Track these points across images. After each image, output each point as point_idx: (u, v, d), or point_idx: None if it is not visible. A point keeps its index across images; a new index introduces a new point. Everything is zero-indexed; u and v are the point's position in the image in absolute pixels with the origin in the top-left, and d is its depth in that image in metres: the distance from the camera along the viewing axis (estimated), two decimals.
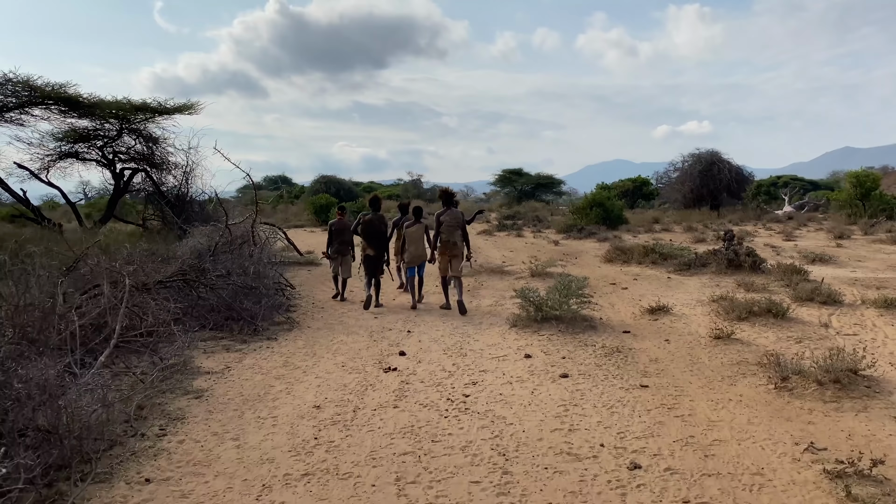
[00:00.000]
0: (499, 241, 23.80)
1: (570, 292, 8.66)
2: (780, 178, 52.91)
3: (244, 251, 10.50)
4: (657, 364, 6.85)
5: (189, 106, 20.91)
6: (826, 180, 56.49)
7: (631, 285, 12.21)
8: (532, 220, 31.77)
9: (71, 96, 18.00)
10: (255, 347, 8.09)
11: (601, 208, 26.09)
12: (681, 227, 26.64)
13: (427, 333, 8.69)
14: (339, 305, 11.07)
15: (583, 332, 8.25)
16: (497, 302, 10.96)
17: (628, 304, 10.26)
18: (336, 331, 9.03)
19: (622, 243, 20.50)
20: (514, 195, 51.74)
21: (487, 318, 9.55)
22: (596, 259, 16.81)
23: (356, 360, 7.42)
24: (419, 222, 10.70)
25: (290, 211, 43.49)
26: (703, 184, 32.13)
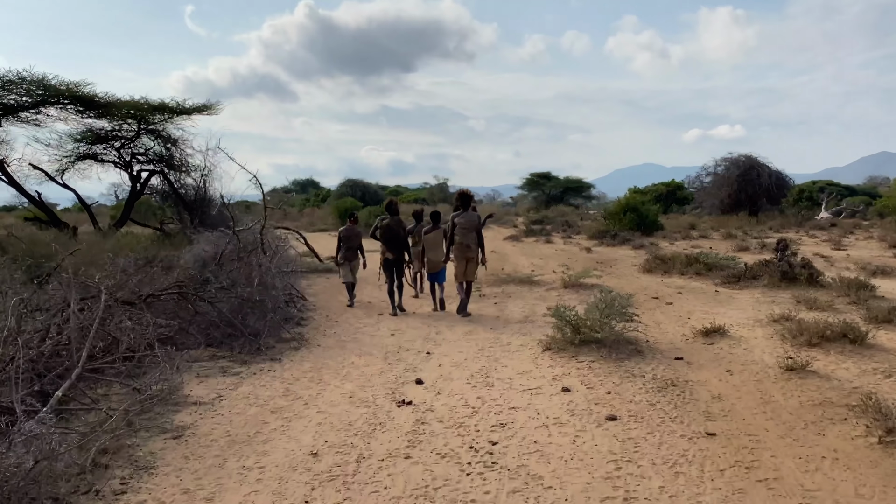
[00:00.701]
0: (527, 247, 22.68)
1: (612, 311, 7.54)
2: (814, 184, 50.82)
3: (252, 260, 9.55)
4: (721, 403, 5.71)
5: (208, 106, 20.18)
6: (863, 186, 54.29)
7: (675, 300, 11.02)
8: (561, 225, 30.59)
9: (85, 95, 17.34)
10: (255, 370, 7.11)
11: (635, 213, 24.82)
12: (719, 234, 25.26)
13: (448, 356, 7.63)
14: (354, 319, 10.08)
15: (628, 359, 7.12)
16: (527, 317, 9.87)
17: (676, 323, 9.10)
18: (348, 350, 8.02)
19: (660, 251, 19.28)
20: (542, 199, 50.55)
21: (517, 338, 8.47)
22: (633, 269, 15.60)
23: (367, 388, 6.39)
24: (437, 227, 10.47)
25: (316, 214, 42.85)
26: (741, 189, 30.62)
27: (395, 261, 10.47)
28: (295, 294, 10.49)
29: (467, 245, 9.86)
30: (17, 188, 18.11)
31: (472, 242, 9.89)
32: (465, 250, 9.87)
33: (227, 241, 9.77)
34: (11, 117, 17.93)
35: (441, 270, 10.46)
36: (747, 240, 23.21)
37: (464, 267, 9.95)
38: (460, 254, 9.90)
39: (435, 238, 10.37)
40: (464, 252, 9.87)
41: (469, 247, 9.87)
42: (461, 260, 9.92)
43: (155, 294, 7.58)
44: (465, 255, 9.87)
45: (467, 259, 9.90)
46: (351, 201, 37.92)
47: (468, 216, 9.96)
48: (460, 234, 9.86)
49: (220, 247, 9.78)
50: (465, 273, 9.98)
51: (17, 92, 16.94)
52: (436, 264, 10.36)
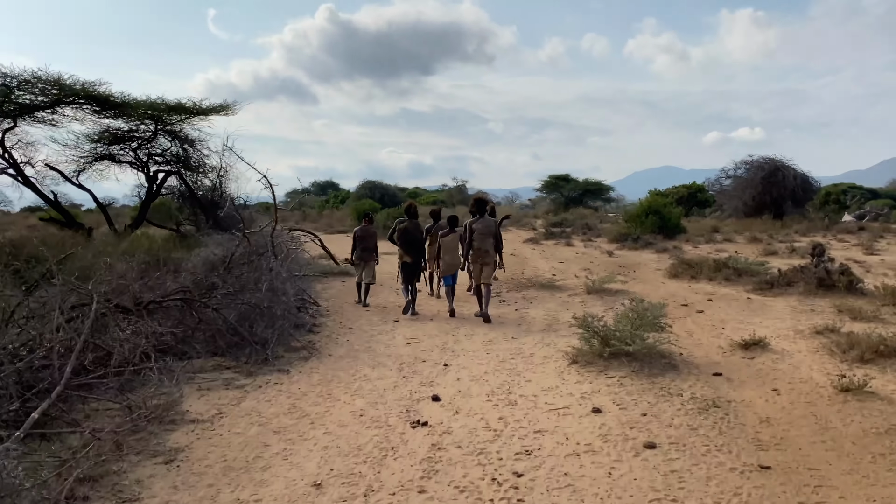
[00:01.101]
0: (547, 250, 22.03)
1: (644, 322, 6.93)
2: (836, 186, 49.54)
3: (263, 264, 9.04)
4: (772, 428, 5.08)
5: (224, 107, 19.75)
6: (886, 189, 52.84)
7: (706, 307, 10.36)
8: (581, 227, 29.87)
9: (100, 94, 16.97)
10: (260, 383, 6.59)
11: (657, 216, 24.06)
12: (744, 238, 24.41)
13: (467, 368, 7.05)
14: (368, 326, 9.53)
15: (662, 375, 6.50)
16: (550, 325, 9.27)
17: (710, 333, 8.45)
18: (361, 361, 7.48)
19: (684, 255, 18.56)
20: (560, 201, 49.74)
21: (540, 348, 7.87)
22: (658, 273, 14.92)
23: (379, 405, 5.83)
24: (454, 231, 10.36)
25: (335, 216, 42.46)
26: (765, 191, 29.67)
27: (412, 265, 10.41)
28: (307, 299, 9.96)
29: (485, 250, 9.78)
30: (34, 189, 17.81)
31: (490, 248, 9.83)
32: (482, 255, 9.78)
33: (236, 244, 9.26)
34: (28, 117, 17.64)
35: (456, 273, 10.40)
36: (773, 243, 22.38)
37: (479, 270, 9.82)
38: (478, 259, 9.80)
39: (451, 241, 10.26)
40: (482, 257, 9.78)
41: (487, 252, 9.80)
42: (477, 264, 9.82)
43: (157, 300, 7.08)
44: (482, 261, 9.79)
45: (484, 264, 9.80)
46: (369, 203, 37.43)
47: (485, 221, 9.91)
48: (478, 240, 9.76)
49: (230, 250, 9.27)
50: (480, 276, 9.82)
51: (32, 91, 16.62)
52: (451, 267, 10.27)
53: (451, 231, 10.37)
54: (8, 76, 16.03)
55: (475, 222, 9.86)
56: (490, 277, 9.92)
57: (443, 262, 10.32)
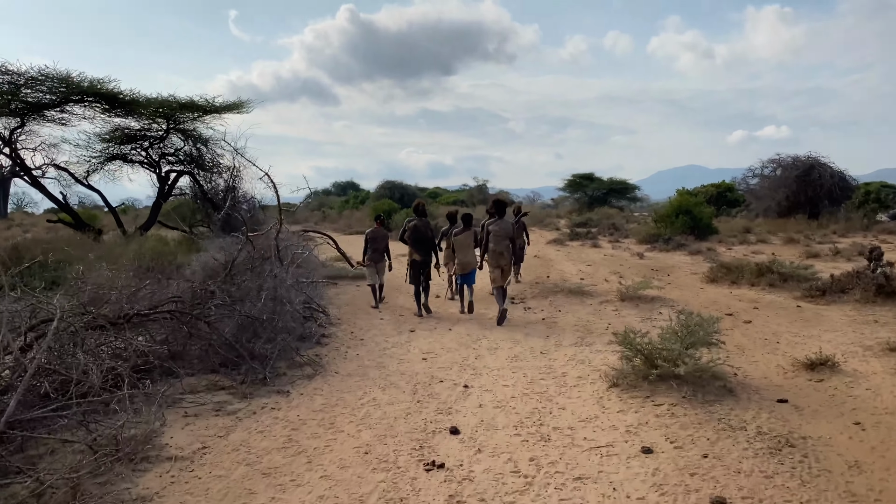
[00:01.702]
0: (572, 251, 21.05)
1: (696, 339, 5.98)
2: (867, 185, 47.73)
3: (266, 269, 8.24)
4: (865, 476, 4.13)
5: (238, 104, 19.09)
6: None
7: (754, 317, 9.36)
8: (607, 227, 28.81)
9: (109, 92, 16.35)
10: (255, 408, 5.76)
11: (688, 216, 22.94)
12: (779, 239, 23.22)
13: (491, 391, 6.16)
14: (381, 337, 8.69)
15: (718, 402, 5.56)
16: (582, 338, 8.34)
17: (763, 348, 7.48)
18: (370, 380, 6.62)
19: (718, 257, 17.49)
20: (584, 201, 48.60)
21: (573, 366, 6.96)
22: (694, 278, 13.89)
23: (388, 439, 4.97)
24: (468, 229, 10.21)
25: (355, 217, 41.77)
26: (800, 190, 28.34)
27: (421, 262, 10.24)
28: (316, 308, 9.13)
29: (500, 252, 9.54)
30: (42, 190, 17.26)
31: (506, 250, 9.57)
32: (498, 258, 9.55)
33: (238, 248, 8.47)
34: (37, 116, 17.11)
35: (472, 272, 10.11)
36: (811, 245, 21.18)
37: (499, 273, 9.58)
38: (494, 261, 9.59)
39: (465, 240, 10.08)
40: (497, 259, 9.56)
41: (502, 254, 9.56)
42: (495, 267, 9.60)
43: (143, 313, 6.28)
44: (498, 263, 9.56)
45: (501, 267, 9.57)
46: (389, 203, 36.72)
47: (502, 224, 9.64)
48: (494, 242, 9.54)
49: (232, 254, 8.48)
50: (499, 279, 9.57)
51: (40, 89, 16.05)
52: (466, 265, 10.04)
53: (466, 229, 10.19)
54: (15, 74, 15.47)
55: (492, 224, 9.63)
56: (504, 280, 9.58)
57: (457, 261, 10.13)
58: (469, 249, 10.08)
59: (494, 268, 9.62)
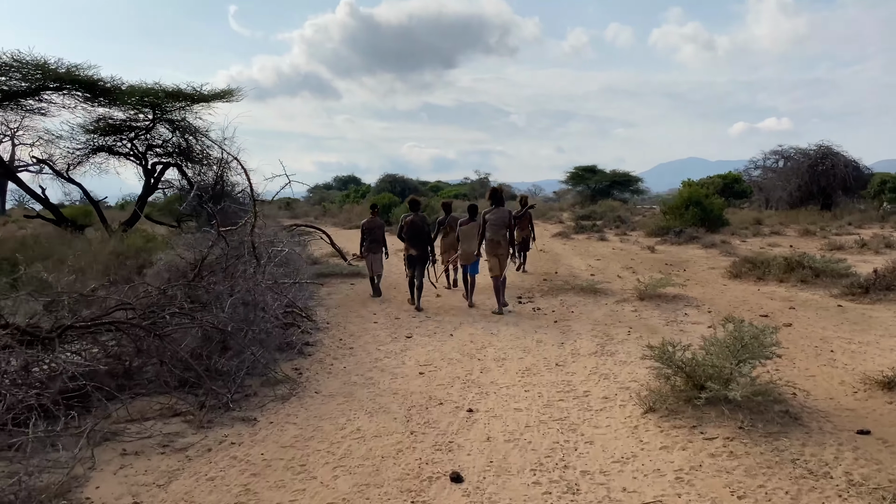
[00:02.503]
0: (579, 245, 19.91)
1: (752, 353, 4.84)
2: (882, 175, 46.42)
3: (240, 271, 7.11)
4: None
5: (228, 92, 17.93)
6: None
7: (792, 318, 8.22)
8: (613, 220, 27.64)
9: (87, 79, 15.20)
10: (212, 442, 4.64)
11: (699, 207, 21.78)
12: (794, 230, 22.06)
13: (500, 417, 5.03)
14: (374, 344, 7.55)
15: (784, 433, 4.42)
16: (602, 346, 7.20)
17: (817, 360, 6.34)
18: (356, 402, 5.49)
19: (734, 250, 16.34)
20: (587, 194, 47.42)
21: (596, 382, 5.83)
22: (713, 273, 12.75)
23: (370, 490, 3.84)
24: (473, 220, 10.03)
25: (355, 211, 40.61)
26: (812, 180, 27.11)
27: (417, 257, 10.08)
28: (299, 313, 7.99)
29: (497, 241, 9.52)
30: (20, 184, 16.15)
31: (503, 239, 9.54)
32: (495, 247, 9.54)
33: (209, 245, 7.33)
34: (14, 105, 15.97)
35: (475, 262, 10.06)
36: (829, 236, 20.02)
37: (496, 262, 9.56)
38: (491, 250, 9.59)
39: (470, 230, 9.98)
40: (494, 248, 9.55)
41: (499, 243, 9.53)
42: (492, 256, 9.59)
43: (79, 325, 5.15)
44: (495, 252, 9.55)
45: (498, 255, 9.55)
46: (389, 196, 35.55)
47: (499, 213, 9.60)
48: (491, 231, 9.54)
49: (202, 252, 7.35)
50: (497, 268, 9.56)
51: (13, 76, 14.89)
52: (469, 255, 9.97)
53: (471, 220, 10.08)
54: None
55: (489, 213, 9.62)
56: (501, 270, 9.54)
57: (461, 250, 10.10)
58: (473, 240, 9.92)
59: (492, 256, 9.58)
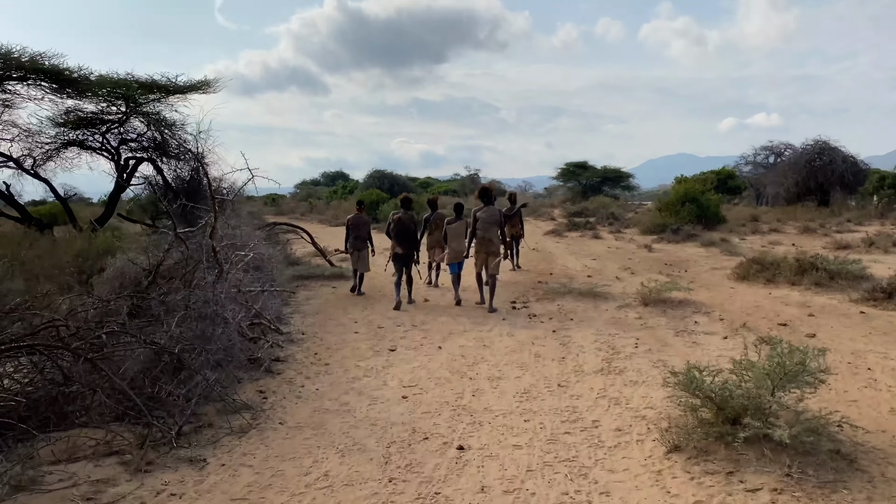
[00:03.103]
0: (573, 243, 19.14)
1: (797, 380, 4.04)
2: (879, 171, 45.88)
3: (203, 278, 6.25)
4: None
5: (205, 83, 16.95)
6: None
7: (814, 328, 7.46)
8: (606, 217, 26.90)
9: (51, 68, 14.21)
10: (147, 493, 3.79)
11: (695, 204, 21.07)
12: (793, 228, 21.39)
13: (496, 457, 4.20)
14: (352, 359, 6.71)
15: (842, 481, 3.63)
16: (608, 361, 6.40)
17: (855, 380, 5.56)
18: (326, 436, 4.66)
19: (735, 248, 15.62)
20: (578, 190, 46.70)
21: (607, 410, 5.02)
22: (717, 275, 11.99)
23: None
24: (460, 219, 9.94)
25: (342, 207, 39.71)
26: (810, 176, 26.44)
27: (404, 256, 9.85)
28: (268, 324, 7.13)
29: (489, 239, 9.35)
30: None
31: (494, 237, 9.38)
32: (486, 244, 9.37)
33: (166, 249, 6.47)
34: None
35: (462, 262, 9.92)
36: (830, 233, 19.36)
37: (484, 260, 9.43)
38: (482, 248, 9.43)
39: (458, 228, 9.83)
40: (486, 246, 9.38)
41: (491, 241, 9.36)
42: (482, 254, 9.44)
43: None
44: (486, 250, 9.38)
45: (488, 253, 9.38)
46: (377, 193, 34.68)
47: (489, 211, 9.45)
48: (482, 229, 9.37)
49: (158, 257, 6.48)
50: (486, 267, 9.45)
51: None
52: (458, 254, 9.81)
53: (458, 218, 9.93)
54: None
55: (480, 211, 9.47)
56: (496, 268, 9.40)
57: (449, 249, 9.89)
58: (461, 238, 9.78)
59: (483, 254, 9.41)
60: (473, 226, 9.45)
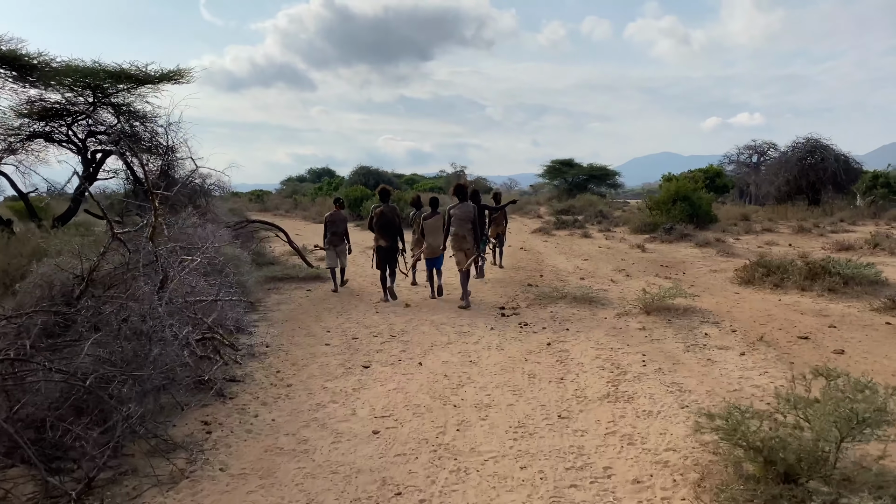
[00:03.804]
0: (562, 242, 18.25)
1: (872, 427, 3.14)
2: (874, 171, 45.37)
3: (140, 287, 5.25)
4: None
5: (177, 73, 15.85)
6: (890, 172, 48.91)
7: (839, 342, 6.59)
8: (595, 215, 26.05)
9: (8, 53, 13.08)
10: None
11: (686, 203, 20.24)
12: (786, 227, 20.64)
13: None
14: (319, 378, 5.74)
15: None
16: (615, 385, 5.46)
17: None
18: (275, 489, 3.69)
19: (731, 249, 14.81)
20: (564, 187, 45.88)
21: (619, 453, 4.10)
22: (718, 277, 11.13)
23: None
24: (436, 213, 9.76)
25: (327, 204, 38.64)
26: (801, 175, 25.72)
27: (387, 248, 9.63)
28: (220, 339, 6.13)
29: (462, 236, 9.27)
30: None
31: (468, 233, 9.27)
32: (460, 241, 9.29)
33: (99, 254, 5.46)
34: None
35: (440, 257, 9.70)
36: (825, 233, 18.62)
37: (462, 257, 9.31)
38: (456, 244, 9.32)
39: (434, 223, 9.64)
40: (459, 243, 9.29)
41: (464, 237, 9.27)
42: (458, 251, 9.32)
43: None
44: (460, 247, 9.29)
45: (464, 250, 9.28)
46: (361, 189, 33.64)
47: (464, 207, 9.30)
48: (456, 225, 9.28)
49: (92, 262, 5.48)
50: (462, 261, 9.30)
51: None
52: (434, 249, 9.60)
53: (434, 213, 9.72)
54: None
55: (454, 207, 9.35)
56: (462, 264, 9.25)
57: (426, 245, 9.70)
58: (438, 233, 9.56)
59: (457, 251, 9.30)
60: (448, 222, 9.37)
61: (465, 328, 7.77)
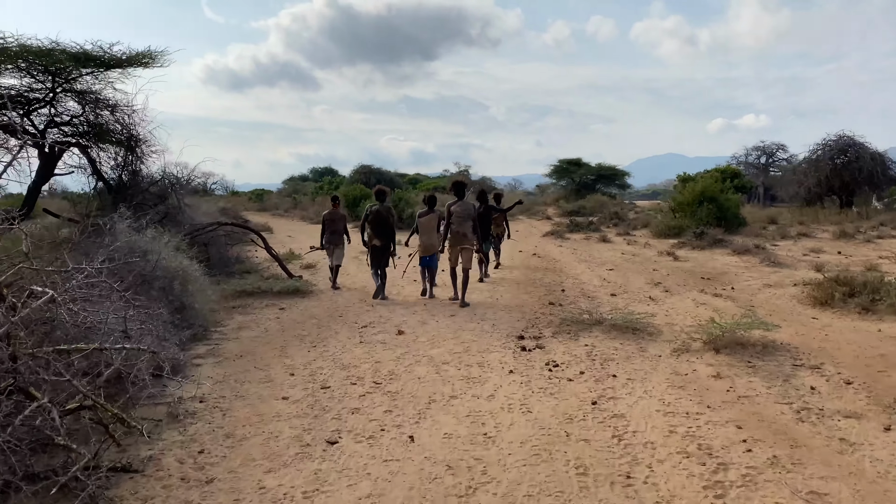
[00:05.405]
0: (578, 247, 16.19)
1: None
2: None
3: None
4: None
5: (146, 55, 13.80)
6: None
7: None
8: (610, 217, 23.99)
9: None
10: None
11: (714, 204, 18.18)
12: (823, 231, 18.56)
13: None
14: (256, 473, 3.70)
15: None
16: (717, 493, 3.43)
17: None
18: None
19: (774, 257, 12.74)
20: (572, 188, 43.78)
21: None
22: (778, 294, 9.07)
23: None
24: (432, 212, 9.47)
25: (326, 203, 36.75)
26: (834, 175, 23.57)
27: (381, 248, 9.55)
28: (102, 406, 4.07)
29: (463, 234, 9.05)
30: None
31: (468, 231, 9.06)
32: (461, 239, 9.05)
33: None
34: None
35: (434, 255, 9.44)
36: (872, 239, 16.53)
37: (457, 255, 9.07)
38: (456, 242, 9.08)
39: (429, 222, 9.44)
40: (460, 241, 9.06)
41: (465, 235, 9.06)
42: (455, 248, 9.07)
43: None
44: (460, 244, 9.05)
45: (462, 248, 9.04)
46: (360, 189, 31.66)
47: (463, 205, 9.11)
48: (456, 223, 9.05)
49: None
50: (458, 260, 9.06)
51: None
52: (429, 247, 9.40)
53: (430, 211, 9.53)
54: None
55: (454, 205, 9.12)
56: (469, 262, 9.05)
57: (420, 243, 9.51)
58: (433, 232, 9.38)
59: (455, 249, 9.06)
60: (448, 220, 9.12)
61: (473, 369, 5.75)
